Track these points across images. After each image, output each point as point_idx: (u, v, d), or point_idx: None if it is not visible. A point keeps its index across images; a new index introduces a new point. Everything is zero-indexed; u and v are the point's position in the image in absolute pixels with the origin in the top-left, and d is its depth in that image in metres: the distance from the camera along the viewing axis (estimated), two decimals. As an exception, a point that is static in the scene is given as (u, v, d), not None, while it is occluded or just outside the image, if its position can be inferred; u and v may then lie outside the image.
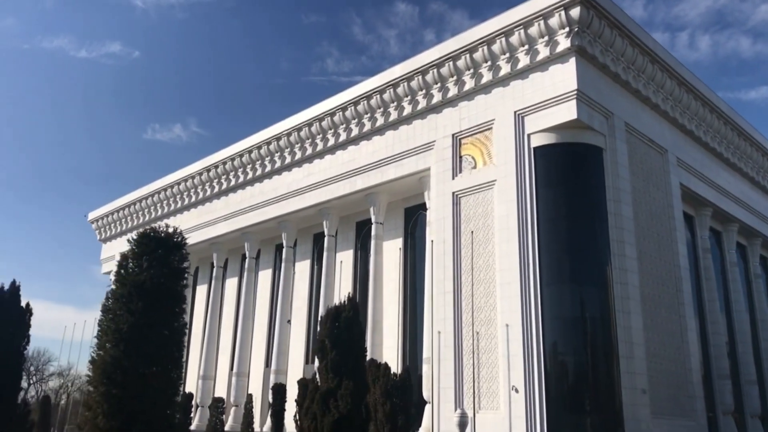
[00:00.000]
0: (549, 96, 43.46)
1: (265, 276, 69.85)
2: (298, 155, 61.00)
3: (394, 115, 52.89)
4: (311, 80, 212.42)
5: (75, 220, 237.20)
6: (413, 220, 56.33)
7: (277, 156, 63.14)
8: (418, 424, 44.62)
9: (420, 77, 50.51)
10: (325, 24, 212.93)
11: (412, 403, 37.38)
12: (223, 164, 68.73)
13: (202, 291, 77.75)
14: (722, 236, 62.74)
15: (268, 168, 64.06)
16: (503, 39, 45.36)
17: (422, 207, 53.50)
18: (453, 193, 47.32)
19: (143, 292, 23.96)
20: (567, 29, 42.40)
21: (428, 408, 44.74)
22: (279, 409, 47.61)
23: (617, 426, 39.06)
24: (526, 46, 44.50)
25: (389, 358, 47.90)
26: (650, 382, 41.90)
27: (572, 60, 42.82)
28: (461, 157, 47.98)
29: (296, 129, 60.52)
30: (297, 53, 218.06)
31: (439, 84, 49.67)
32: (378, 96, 53.45)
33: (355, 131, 55.89)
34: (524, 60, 44.77)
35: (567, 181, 43.62)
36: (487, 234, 44.73)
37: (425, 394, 45.31)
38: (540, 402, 39.02)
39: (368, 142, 55.27)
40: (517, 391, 39.73)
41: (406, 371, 39.03)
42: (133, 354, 23.04)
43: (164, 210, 77.21)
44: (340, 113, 56.50)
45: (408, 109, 51.88)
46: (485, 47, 46.41)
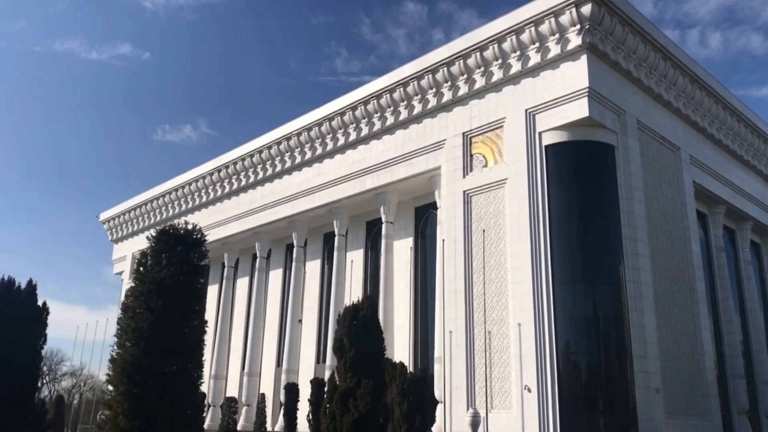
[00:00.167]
0: (560, 94, 43.19)
1: (276, 276, 69.97)
2: (309, 155, 61.01)
3: (405, 114, 52.77)
4: (320, 80, 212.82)
5: (86, 221, 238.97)
6: (424, 220, 56.21)
7: (288, 156, 63.18)
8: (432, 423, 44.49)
9: (430, 76, 50.36)
10: (334, 24, 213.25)
11: (429, 403, 37.20)
12: (234, 164, 68.87)
13: (213, 291, 77.96)
14: (736, 234, 62.17)
15: (279, 168, 64.13)
16: (514, 37, 45.13)
17: (433, 206, 53.35)
18: (464, 192, 47.15)
19: (163, 290, 23.50)
20: (578, 26, 42.12)
21: (440, 407, 44.59)
22: (292, 409, 47.58)
23: (631, 425, 38.77)
24: (537, 44, 44.26)
25: (400, 358, 47.73)
26: (664, 382, 41.55)
27: (583, 57, 42.53)
28: (472, 156, 47.80)
29: (306, 129, 60.54)
30: (306, 53, 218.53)
31: (450, 83, 49.51)
32: (388, 95, 53.35)
33: (365, 131, 55.82)
34: (535, 58, 44.52)
35: (579, 179, 43.35)
36: (499, 233, 44.53)
37: (437, 394, 45.16)
38: (553, 401, 38.79)
39: (378, 142, 55.18)
40: (530, 391, 39.52)
41: (422, 370, 38.79)
42: (154, 352, 22.62)
43: (175, 210, 77.49)
44: (350, 113, 56.46)
45: (418, 108, 51.75)
46: (496, 45, 46.19)
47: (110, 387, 22.96)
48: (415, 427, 34.60)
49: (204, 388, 66.15)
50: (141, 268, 24.48)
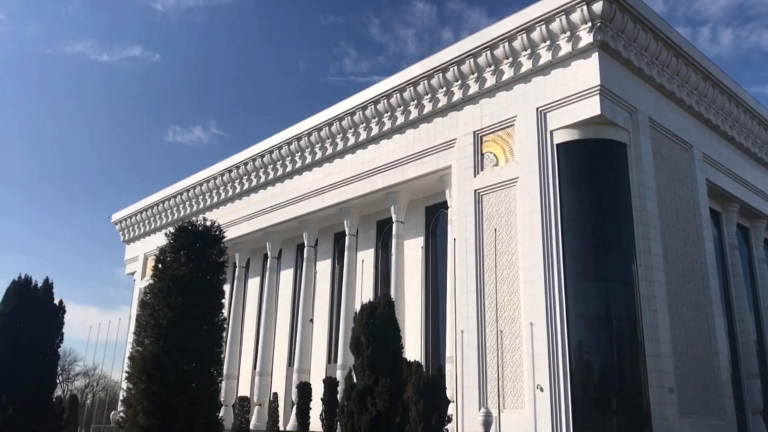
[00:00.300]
0: (572, 92, 42.99)
1: (287, 275, 70.13)
2: (319, 155, 61.09)
3: (415, 114, 52.71)
4: (329, 81, 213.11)
5: (98, 222, 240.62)
6: (434, 219, 56.13)
7: (298, 156, 63.30)
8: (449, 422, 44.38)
9: (440, 75, 50.28)
10: (343, 24, 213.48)
11: (444, 402, 37.13)
12: (245, 165, 69.08)
13: (225, 291, 78.00)
14: (750, 233, 61.65)
15: (289, 168, 64.26)
16: (524, 35, 44.96)
17: (443, 205, 53.27)
18: (475, 191, 47.04)
19: (182, 287, 23.05)
20: (589, 24, 41.91)
21: (452, 407, 44.42)
22: (304, 408, 47.63)
23: (644, 425, 38.54)
24: (548, 42, 44.08)
25: (412, 358, 47.43)
26: (678, 381, 41.29)
27: (595, 55, 42.31)
28: (483, 155, 47.67)
29: (317, 129, 60.62)
30: (315, 54, 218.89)
31: (460, 81, 49.40)
32: (398, 94, 53.31)
33: (375, 130, 55.81)
34: (546, 56, 44.33)
35: (591, 178, 43.14)
36: (510, 232, 44.38)
37: (449, 393, 44.90)
38: (565, 401, 38.64)
39: (388, 141, 55.15)
40: (542, 390, 39.38)
41: (438, 369, 38.70)
42: (173, 350, 22.16)
43: (187, 211, 77.78)
44: (361, 112, 56.47)
45: (428, 107, 51.67)
46: (506, 44, 46.03)
47: (129, 384, 22.48)
48: (432, 426, 34.39)
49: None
50: (160, 265, 23.99)
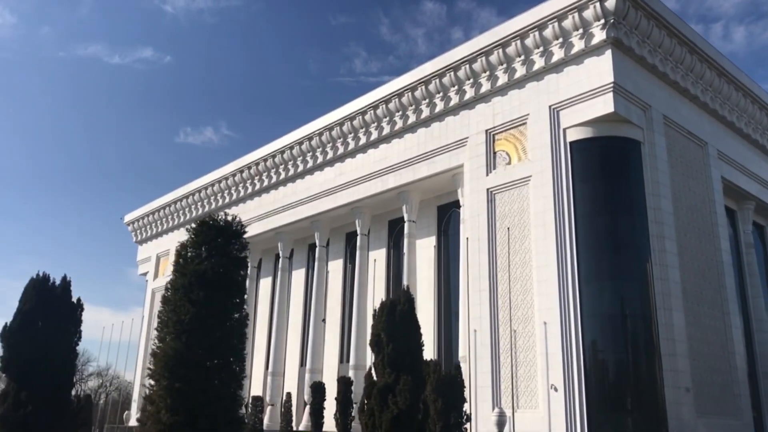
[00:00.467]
0: (585, 89, 42.70)
1: (299, 275, 70.18)
2: (330, 155, 61.07)
3: (426, 112, 52.55)
4: (339, 81, 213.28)
5: (110, 223, 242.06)
6: (446, 218, 55.93)
7: (309, 156, 63.32)
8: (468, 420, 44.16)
9: (452, 73, 50.09)
10: (353, 25, 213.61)
11: (461, 400, 36.96)
12: (256, 165, 69.19)
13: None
14: (765, 230, 61.03)
15: (301, 168, 64.29)
16: (537, 33, 44.70)
17: (455, 204, 53.07)
18: (487, 190, 46.80)
19: (204, 282, 22.70)
20: (602, 21, 41.59)
21: (465, 407, 44.26)
22: (318, 408, 47.55)
23: (660, 425, 38.16)
24: (561, 39, 43.79)
25: (425, 358, 47.54)
26: (694, 381, 40.88)
27: (608, 52, 42.00)
28: (495, 153, 47.45)
29: (328, 128, 60.60)
30: (325, 54, 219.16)
31: (472, 80, 49.19)
32: (410, 93, 53.17)
33: (387, 129, 55.70)
34: (558, 53, 44.04)
35: (604, 176, 42.81)
36: (523, 231, 44.13)
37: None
38: (580, 400, 38.33)
39: (400, 140, 55.03)
40: (556, 390, 39.11)
41: (456, 367, 38.48)
42: (196, 346, 21.86)
43: (199, 211, 77.98)
44: (372, 111, 56.38)
45: (440, 106, 51.50)
46: (518, 41, 45.79)
47: (151, 381, 22.19)
48: (450, 425, 34.19)
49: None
50: (180, 260, 23.68)
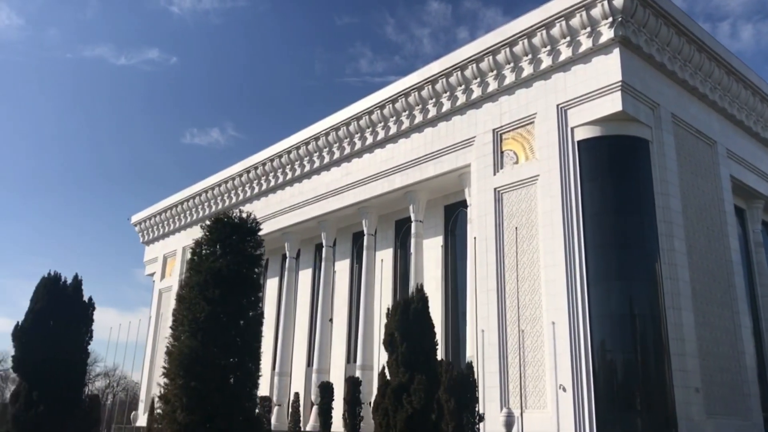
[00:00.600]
0: (593, 88, 42.47)
1: (306, 275, 70.14)
2: (337, 155, 61.02)
3: (433, 112, 52.42)
4: (345, 81, 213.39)
5: (116, 224, 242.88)
6: (453, 218, 55.78)
7: (316, 156, 63.28)
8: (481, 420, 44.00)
9: (459, 73, 49.94)
10: (359, 25, 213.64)
11: (476, 400, 36.84)
12: (263, 165, 69.21)
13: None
14: (775, 230, 60.58)
15: (307, 168, 64.27)
16: (544, 31, 44.51)
17: (462, 204, 52.91)
18: (495, 189, 46.65)
19: (219, 279, 22.38)
20: (610, 19, 41.37)
21: (477, 407, 44.14)
22: (327, 408, 47.46)
23: (670, 425, 37.92)
24: (568, 38, 43.59)
25: (433, 357, 47.47)
26: (703, 381, 40.62)
27: (616, 51, 41.76)
28: (502, 153, 47.27)
29: (334, 128, 60.55)
30: (330, 55, 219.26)
31: (479, 79, 49.04)
32: (416, 93, 53.06)
33: (393, 129, 55.60)
34: (566, 52, 43.85)
35: (613, 175, 42.57)
36: (531, 230, 43.94)
37: (469, 393, 44.75)
38: (588, 401, 38.13)
39: (407, 140, 54.92)
40: (565, 390, 38.93)
41: (468, 366, 38.31)
42: (211, 344, 21.55)
43: (206, 212, 78.07)
44: (378, 111, 56.29)
45: (447, 106, 51.36)
46: (525, 40, 45.61)
47: (166, 380, 21.84)
48: (463, 425, 34.01)
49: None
50: (195, 258, 23.35)
